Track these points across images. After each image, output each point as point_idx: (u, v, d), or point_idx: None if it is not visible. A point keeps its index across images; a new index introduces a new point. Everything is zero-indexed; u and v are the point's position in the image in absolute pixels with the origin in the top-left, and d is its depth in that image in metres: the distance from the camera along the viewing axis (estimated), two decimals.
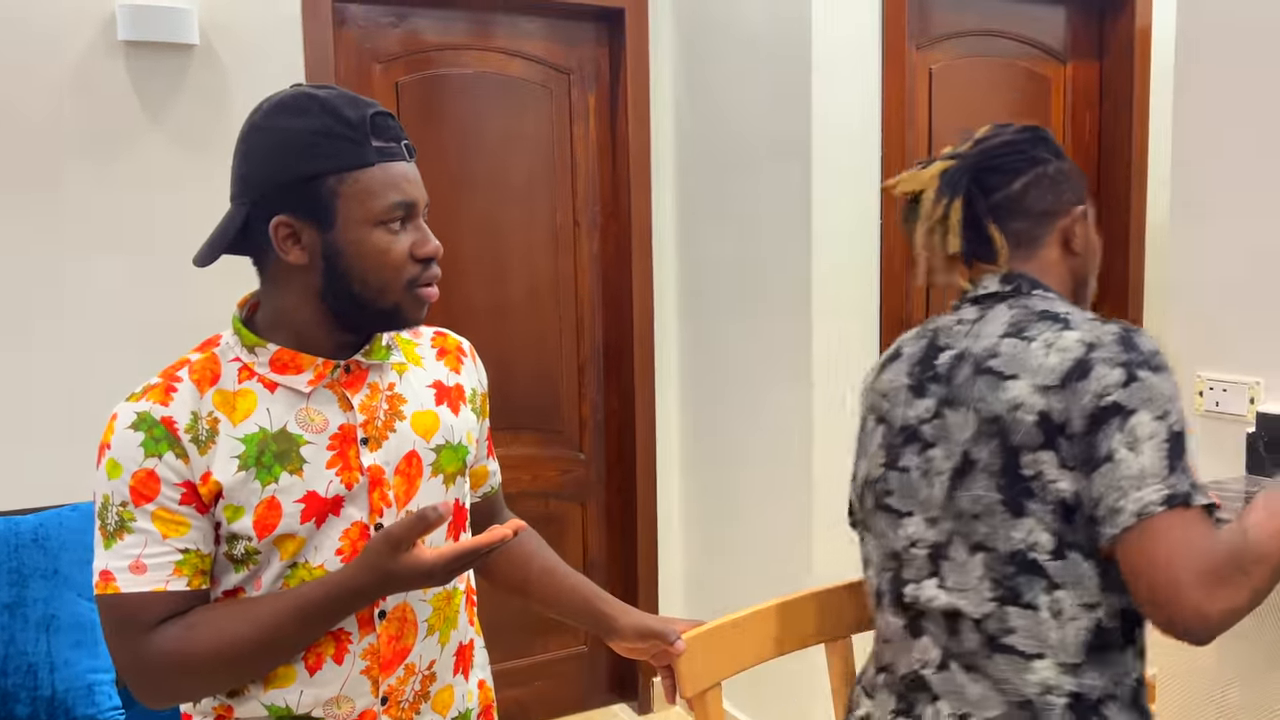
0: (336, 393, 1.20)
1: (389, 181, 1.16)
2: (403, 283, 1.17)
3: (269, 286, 1.21)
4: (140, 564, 1.13)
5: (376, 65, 2.75)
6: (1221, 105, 1.81)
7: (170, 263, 2.47)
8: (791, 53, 2.59)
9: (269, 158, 1.14)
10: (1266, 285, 1.76)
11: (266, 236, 1.16)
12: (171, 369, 1.19)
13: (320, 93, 1.16)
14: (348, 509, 1.18)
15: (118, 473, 1.13)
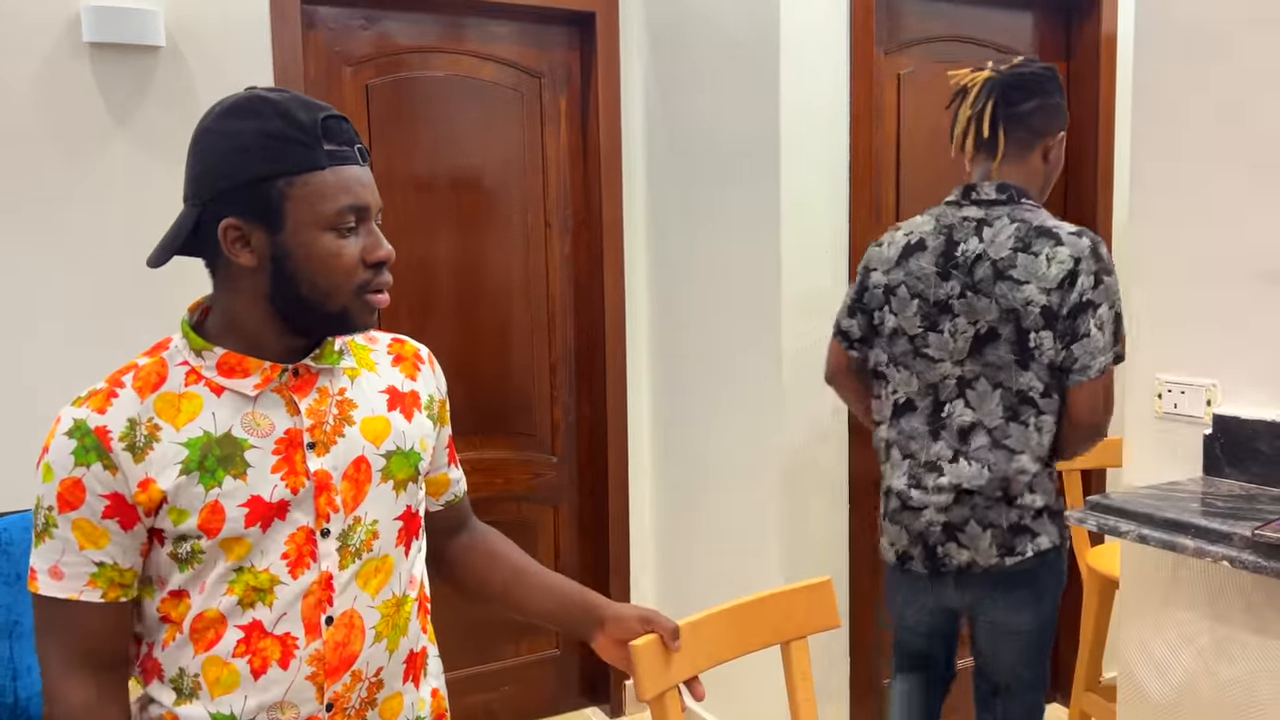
0: (284, 397, 1.20)
1: (340, 185, 1.15)
2: (352, 287, 1.17)
3: (219, 289, 1.21)
4: (58, 570, 1.15)
5: (346, 68, 2.75)
6: (1179, 109, 1.83)
7: (136, 265, 2.46)
8: (761, 58, 2.60)
9: (219, 159, 1.14)
10: (1223, 288, 1.78)
11: (216, 238, 1.16)
12: (118, 373, 1.20)
13: (273, 95, 1.16)
14: (293, 513, 1.18)
15: (50, 477, 1.14)
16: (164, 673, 1.20)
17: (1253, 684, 1.70)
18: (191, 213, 1.17)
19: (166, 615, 1.19)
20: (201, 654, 1.17)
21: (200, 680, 1.18)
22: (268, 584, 1.17)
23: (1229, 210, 1.76)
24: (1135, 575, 1.89)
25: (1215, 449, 1.79)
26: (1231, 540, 1.51)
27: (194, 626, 1.17)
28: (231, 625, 1.17)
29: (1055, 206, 3.10)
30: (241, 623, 1.17)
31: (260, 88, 1.19)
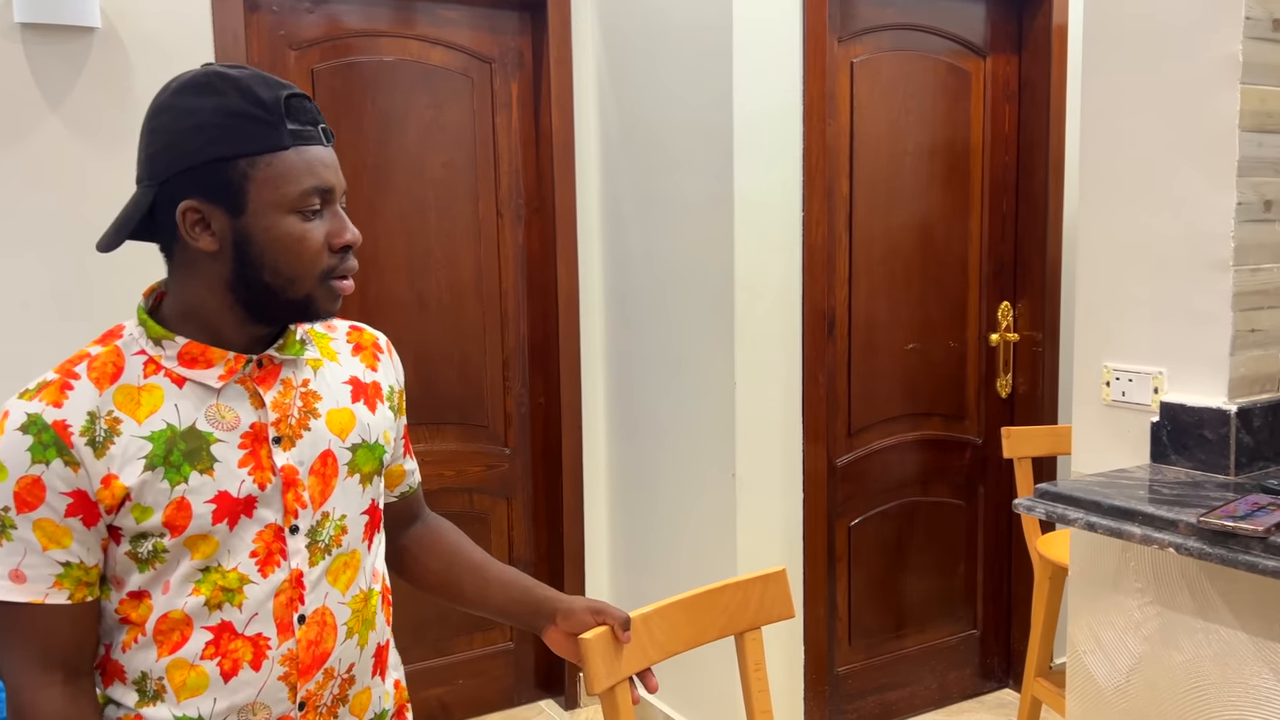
0: (248, 389, 1.15)
1: (304, 166, 1.11)
2: (317, 273, 1.13)
3: (176, 275, 1.15)
4: (19, 573, 1.08)
5: (291, 51, 2.68)
6: (1127, 99, 1.84)
7: (70, 252, 2.39)
8: (713, 44, 2.58)
9: (177, 138, 1.09)
10: (1170, 277, 1.79)
11: (174, 221, 1.10)
12: (69, 364, 1.12)
13: (233, 72, 1.10)
14: (260, 510, 1.14)
15: (2, 476, 1.07)
16: (125, 675, 1.15)
17: (1198, 667, 1.72)
18: (146, 194, 1.11)
19: (126, 616, 1.13)
20: (166, 657, 1.13)
21: (165, 683, 1.13)
22: (236, 584, 1.13)
23: (1176, 199, 1.77)
24: (1084, 562, 1.91)
25: (1162, 436, 1.80)
26: (1177, 527, 1.52)
27: (158, 628, 1.12)
28: (198, 627, 1.13)
29: (1005, 199, 3.12)
30: (209, 624, 1.13)
31: (218, 64, 1.13)
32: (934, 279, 3.00)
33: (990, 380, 3.15)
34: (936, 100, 2.95)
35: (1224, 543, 1.46)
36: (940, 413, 3.08)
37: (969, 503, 3.17)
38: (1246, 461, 1.72)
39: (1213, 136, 1.71)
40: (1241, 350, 1.73)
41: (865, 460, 2.95)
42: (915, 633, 3.12)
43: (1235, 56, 1.67)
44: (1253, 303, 1.74)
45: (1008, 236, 3.12)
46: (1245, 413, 1.71)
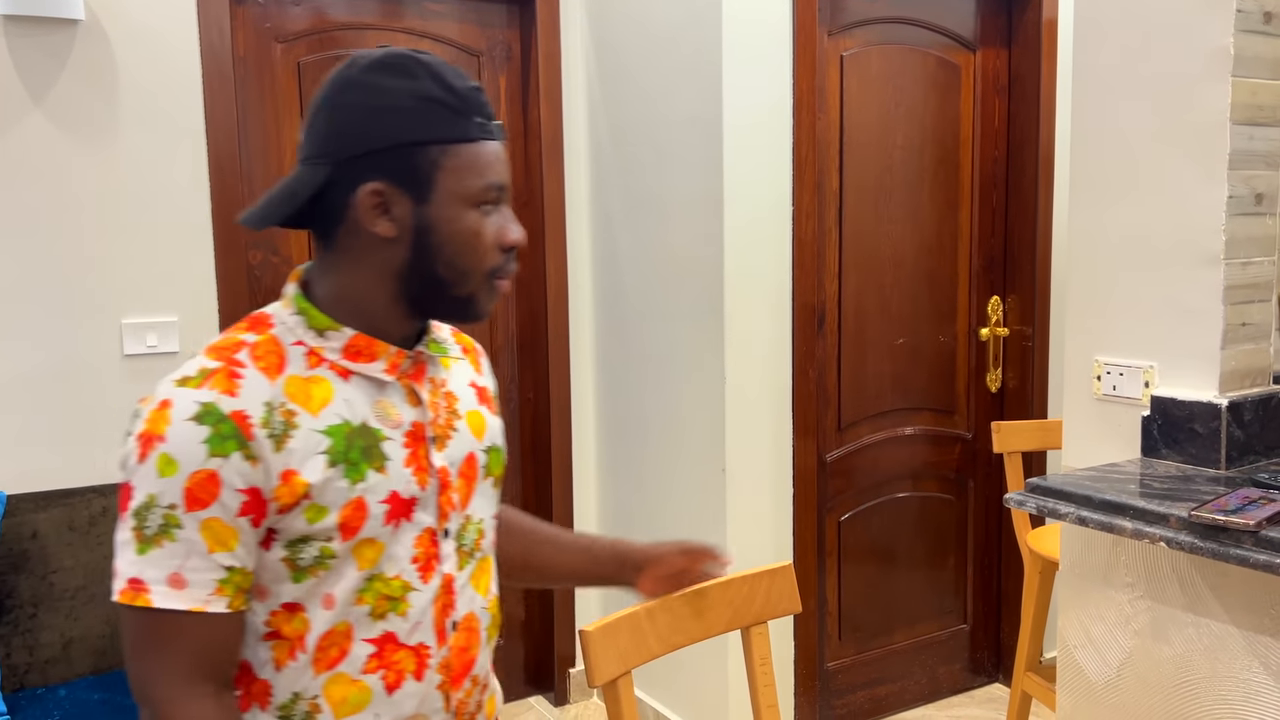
0: (405, 386, 1.11)
1: (487, 160, 1.07)
2: (485, 270, 1.09)
3: (338, 261, 1.08)
4: (180, 577, 0.99)
5: (278, 45, 2.66)
6: (1117, 93, 1.83)
7: (52, 248, 2.36)
8: (703, 37, 2.57)
9: (369, 117, 1.03)
10: (1161, 270, 1.79)
11: (344, 204, 1.05)
12: (225, 350, 1.04)
13: (423, 57, 1.07)
14: (418, 513, 1.10)
15: (171, 470, 0.97)
16: (272, 696, 1.06)
17: (1189, 662, 1.71)
18: (317, 172, 1.05)
19: (277, 631, 1.05)
20: (324, 673, 1.06)
21: (320, 702, 1.06)
22: (400, 591, 1.08)
23: (1167, 192, 1.77)
24: (1074, 557, 1.90)
25: (1153, 430, 1.79)
26: (1168, 521, 1.52)
27: (319, 644, 1.05)
28: (359, 639, 1.06)
29: (995, 193, 3.11)
30: (371, 635, 1.07)
31: (401, 48, 1.08)
32: (924, 273, 2.99)
33: (980, 375, 3.15)
34: (926, 94, 2.94)
35: (1215, 537, 1.46)
36: (930, 407, 3.07)
37: (959, 497, 3.17)
38: (1237, 455, 1.72)
39: (1204, 129, 1.70)
40: (1232, 344, 1.73)
41: (855, 455, 2.94)
42: (905, 627, 3.11)
43: (1226, 49, 1.66)
44: (1244, 296, 1.73)
45: (997, 231, 3.12)
46: (1236, 406, 1.71)
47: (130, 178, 2.42)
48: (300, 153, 1.08)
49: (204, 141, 2.49)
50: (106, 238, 2.40)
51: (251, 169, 2.64)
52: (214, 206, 2.51)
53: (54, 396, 2.37)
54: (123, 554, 1.00)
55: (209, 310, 2.52)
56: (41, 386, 2.36)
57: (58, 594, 2.22)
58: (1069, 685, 1.93)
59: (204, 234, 2.51)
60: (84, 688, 2.19)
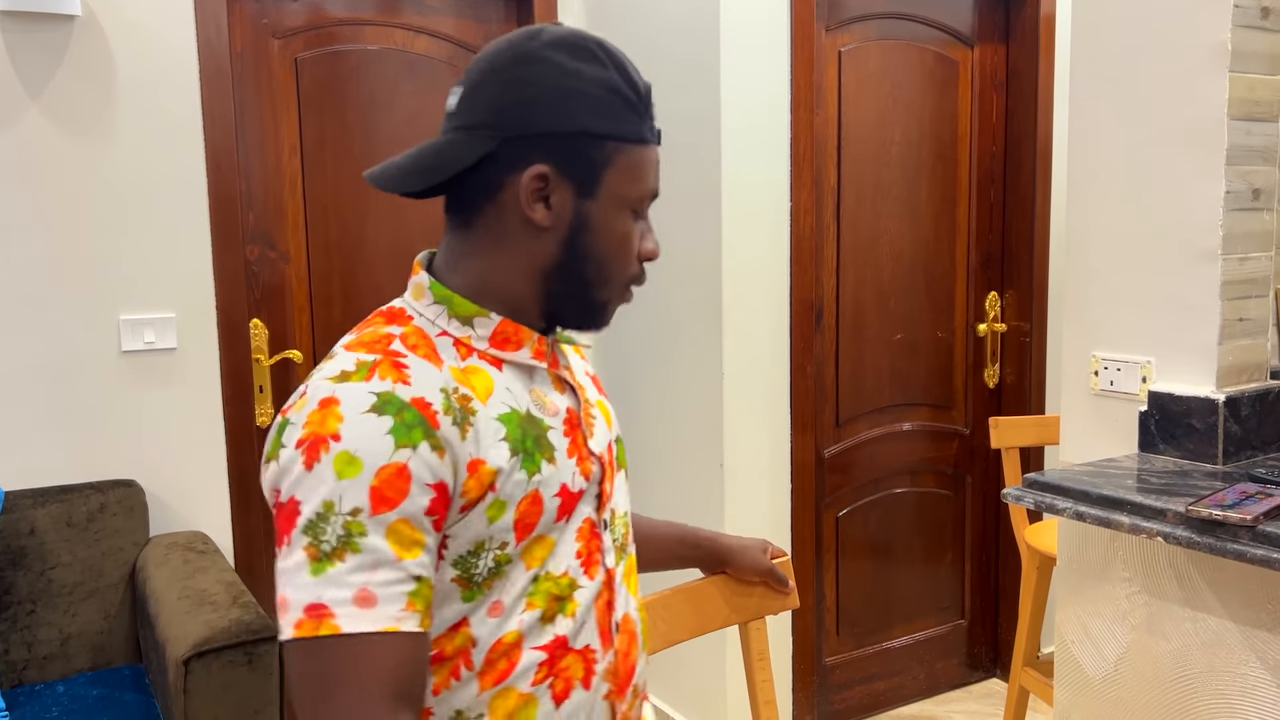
0: (552, 374, 1.05)
1: (651, 166, 1.01)
2: (625, 278, 1.03)
3: (478, 243, 1.00)
4: (368, 594, 0.85)
5: (275, 40, 2.65)
6: (1115, 88, 1.83)
7: (50, 244, 2.36)
8: (701, 34, 2.56)
9: (552, 96, 0.95)
10: (1158, 266, 1.79)
11: (501, 182, 0.96)
12: (373, 341, 0.95)
13: (608, 45, 1.00)
14: (582, 505, 1.02)
15: (354, 470, 0.85)
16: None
17: (1186, 656, 1.72)
18: (479, 144, 0.95)
19: (440, 652, 0.95)
20: (490, 689, 0.96)
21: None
22: (568, 589, 1.00)
23: (1165, 188, 1.77)
24: (1072, 552, 1.90)
25: (1150, 425, 1.80)
26: (1165, 516, 1.52)
27: (487, 659, 0.95)
28: (528, 648, 0.97)
29: (993, 189, 3.11)
30: (541, 642, 0.98)
31: (582, 31, 1.01)
32: (922, 269, 2.99)
33: (978, 370, 3.15)
34: (924, 90, 2.94)
35: (1212, 532, 1.46)
36: (928, 403, 3.07)
37: (956, 493, 3.17)
38: (1234, 450, 1.72)
39: (1201, 125, 1.70)
40: (1230, 339, 1.73)
41: (853, 451, 2.94)
42: (903, 623, 3.12)
43: (1224, 44, 1.66)
44: (1241, 291, 1.74)
45: (995, 227, 3.12)
46: (1233, 402, 1.71)
47: (127, 173, 2.41)
48: (455, 119, 0.98)
49: (201, 137, 2.49)
50: (103, 233, 2.39)
51: (249, 165, 2.63)
52: (211, 202, 2.51)
53: (52, 393, 2.37)
54: (292, 581, 0.85)
55: (207, 306, 2.52)
56: (39, 382, 2.36)
57: (56, 590, 2.22)
58: (1066, 680, 1.93)
59: (201, 229, 2.50)
60: (82, 683, 2.19)
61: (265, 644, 1.91)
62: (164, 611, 2.02)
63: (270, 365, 2.69)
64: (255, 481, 2.63)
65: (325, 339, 2.77)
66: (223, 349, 2.55)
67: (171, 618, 1.98)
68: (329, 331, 2.77)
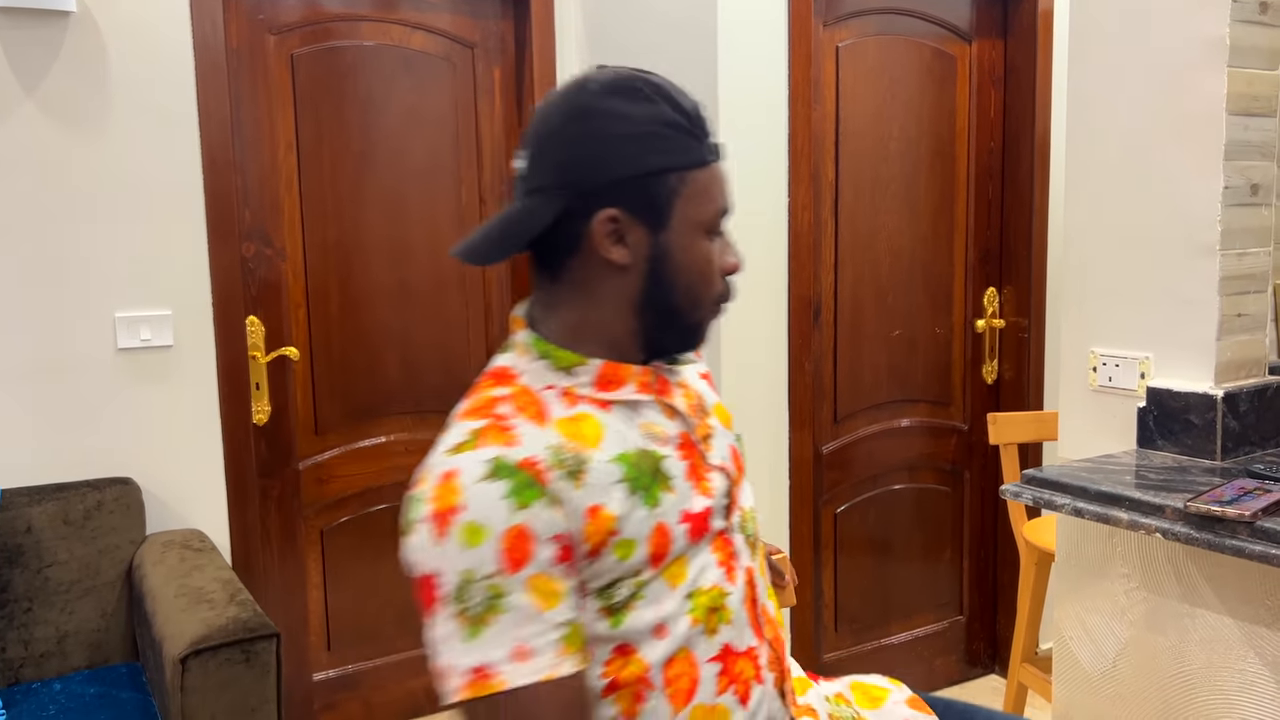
0: (659, 403, 1.09)
1: (717, 185, 1.05)
2: (713, 297, 1.07)
3: (568, 293, 1.05)
4: (524, 649, 0.91)
5: (271, 36, 2.65)
6: (1113, 83, 1.82)
7: (45, 241, 2.35)
8: (698, 28, 2.56)
9: (609, 145, 1.00)
10: (1157, 261, 1.78)
11: (579, 232, 1.01)
12: (480, 408, 1.00)
13: (652, 77, 1.04)
14: (713, 520, 1.07)
15: (480, 537, 0.91)
16: None
17: (1184, 653, 1.72)
18: (553, 204, 1.00)
19: (614, 681, 0.99)
20: (683, 708, 1.01)
21: None
22: (719, 599, 1.05)
23: (1163, 183, 1.76)
24: (1070, 548, 1.90)
25: (1149, 421, 1.79)
26: (1164, 512, 1.52)
27: (666, 679, 1.00)
28: (702, 661, 1.02)
29: (991, 185, 3.11)
30: (712, 654, 1.03)
31: (625, 68, 1.05)
32: (919, 265, 2.99)
33: (976, 366, 3.15)
34: (922, 85, 2.93)
35: (1210, 528, 1.46)
36: (926, 399, 3.07)
37: (955, 489, 3.17)
38: (1233, 446, 1.72)
39: (1199, 120, 1.70)
40: (1228, 335, 1.73)
41: (851, 447, 2.94)
42: (901, 619, 3.12)
43: (1222, 39, 1.66)
44: (1239, 287, 1.73)
45: (993, 222, 3.12)
46: (1231, 397, 1.71)
47: (123, 170, 2.41)
48: (526, 182, 1.04)
49: (197, 134, 2.48)
50: (99, 230, 2.39)
51: (245, 161, 2.62)
52: (207, 199, 2.50)
53: (47, 390, 2.36)
54: (449, 648, 0.92)
55: (203, 303, 2.51)
56: (35, 380, 2.35)
57: (52, 588, 2.22)
58: (1065, 676, 1.93)
59: (197, 226, 2.50)
60: (79, 681, 2.19)
61: (262, 642, 1.91)
62: (161, 609, 2.02)
63: (267, 362, 2.68)
64: (252, 478, 2.63)
65: (322, 336, 2.76)
66: (219, 346, 2.54)
67: (168, 615, 1.98)
68: (325, 328, 2.77)
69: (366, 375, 2.84)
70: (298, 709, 2.82)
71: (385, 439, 2.86)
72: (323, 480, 2.80)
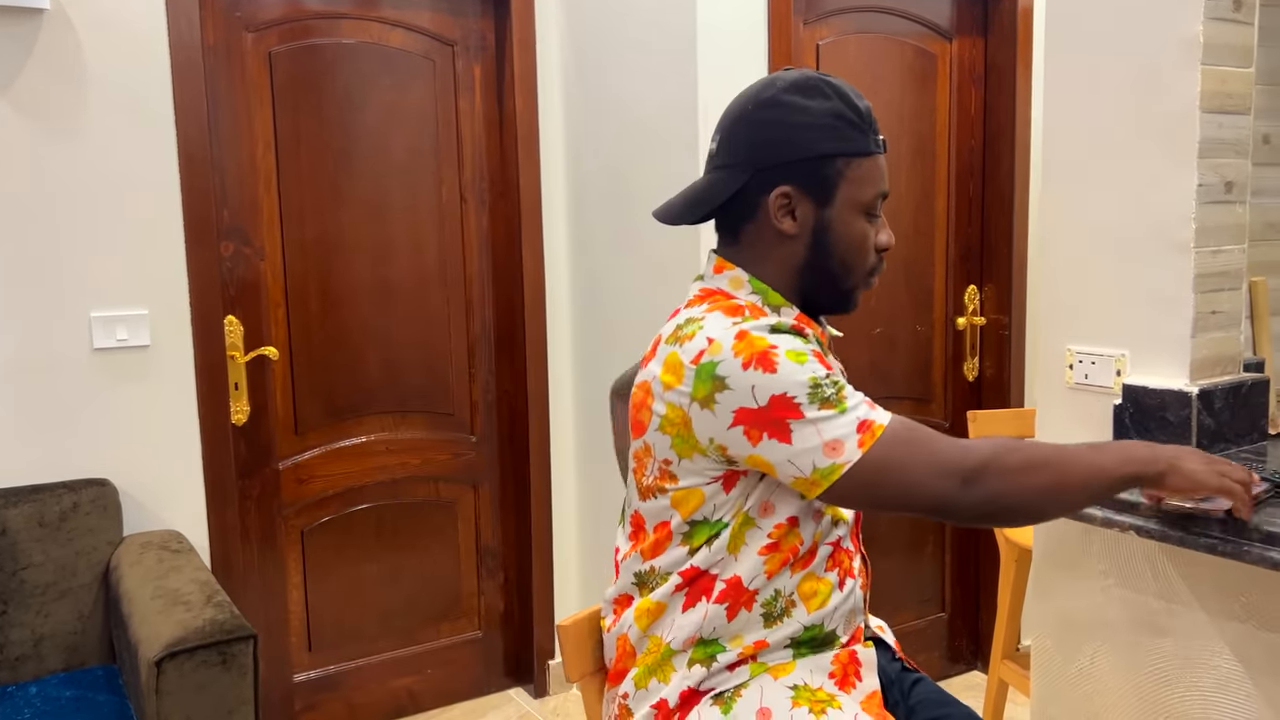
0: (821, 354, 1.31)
1: (879, 173, 1.27)
2: (866, 269, 1.30)
3: (742, 253, 1.30)
4: (870, 405, 1.20)
5: (248, 34, 2.63)
6: (1087, 81, 1.83)
7: (20, 240, 2.33)
8: (678, 26, 2.55)
9: (790, 132, 1.23)
10: (1132, 258, 1.79)
11: (755, 204, 1.26)
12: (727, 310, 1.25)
13: (832, 79, 1.26)
14: None
15: (803, 358, 1.18)
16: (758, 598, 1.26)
17: (1160, 649, 1.72)
18: (737, 178, 1.25)
19: (776, 544, 1.26)
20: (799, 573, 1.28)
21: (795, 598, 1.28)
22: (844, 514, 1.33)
23: (1138, 181, 1.77)
24: (1047, 545, 1.91)
25: (1125, 419, 1.80)
26: (1137, 510, 1.52)
27: (808, 550, 1.28)
28: (824, 543, 1.30)
29: (972, 183, 3.11)
30: (831, 539, 1.31)
31: (811, 70, 1.28)
32: (901, 263, 2.99)
33: (957, 364, 3.15)
34: (903, 83, 2.93)
35: (1183, 525, 1.46)
36: (908, 397, 3.07)
37: None
38: (1208, 443, 1.73)
39: (1174, 118, 1.70)
40: (1203, 332, 1.73)
41: None
42: (884, 616, 3.12)
43: (1196, 37, 1.66)
44: (1214, 284, 1.74)
45: (974, 220, 3.12)
46: (1206, 394, 1.71)
47: (98, 168, 2.39)
48: (715, 160, 1.29)
49: (173, 132, 2.46)
50: (75, 229, 2.37)
51: (223, 159, 2.61)
52: (184, 197, 2.48)
53: (22, 391, 2.35)
54: (831, 425, 1.17)
55: (180, 303, 2.49)
56: (9, 381, 2.33)
57: (28, 590, 2.20)
58: (1043, 674, 1.93)
59: (175, 225, 2.48)
60: (55, 685, 2.17)
61: (239, 643, 1.90)
62: (137, 611, 2.01)
63: (246, 362, 2.67)
64: (231, 479, 2.61)
65: (301, 335, 2.75)
66: (197, 346, 2.52)
67: (144, 618, 1.96)
68: (305, 327, 2.75)
69: (347, 375, 2.82)
70: (278, 710, 2.81)
71: (366, 438, 2.85)
72: (303, 480, 2.79)
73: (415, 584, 2.98)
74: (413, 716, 3.00)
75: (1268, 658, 1.57)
